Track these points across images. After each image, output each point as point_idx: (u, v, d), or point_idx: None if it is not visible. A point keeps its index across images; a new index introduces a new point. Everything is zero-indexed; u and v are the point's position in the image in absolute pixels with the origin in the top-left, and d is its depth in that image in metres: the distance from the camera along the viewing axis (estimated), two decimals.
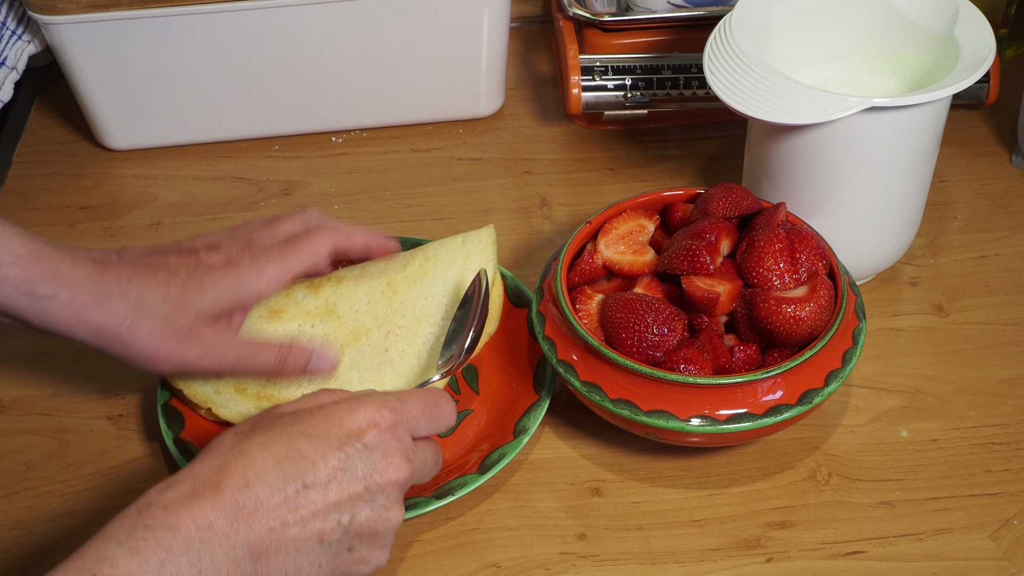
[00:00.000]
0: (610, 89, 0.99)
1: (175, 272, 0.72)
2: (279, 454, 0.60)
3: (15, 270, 0.68)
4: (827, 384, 0.73)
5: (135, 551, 0.55)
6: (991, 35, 0.82)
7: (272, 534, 0.59)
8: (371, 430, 0.62)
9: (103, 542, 0.56)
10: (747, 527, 0.74)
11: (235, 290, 0.73)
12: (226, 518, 0.57)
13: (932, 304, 0.88)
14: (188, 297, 0.71)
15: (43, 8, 0.91)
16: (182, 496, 0.58)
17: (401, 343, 0.79)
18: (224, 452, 0.61)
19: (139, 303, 0.70)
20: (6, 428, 0.82)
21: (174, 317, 0.70)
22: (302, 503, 0.59)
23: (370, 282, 0.81)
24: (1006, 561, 0.72)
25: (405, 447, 0.64)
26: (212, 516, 0.57)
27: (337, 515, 0.61)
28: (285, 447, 0.60)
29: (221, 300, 0.72)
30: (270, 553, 0.59)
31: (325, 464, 0.60)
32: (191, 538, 0.56)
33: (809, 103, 0.78)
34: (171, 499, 0.57)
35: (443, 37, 0.98)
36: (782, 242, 0.75)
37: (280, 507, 0.59)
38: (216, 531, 0.57)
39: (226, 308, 0.73)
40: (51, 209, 0.98)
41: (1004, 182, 0.99)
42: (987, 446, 0.79)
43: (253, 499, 0.58)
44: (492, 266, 0.82)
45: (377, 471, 0.62)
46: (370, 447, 0.62)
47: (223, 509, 0.57)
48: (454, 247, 0.82)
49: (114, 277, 0.70)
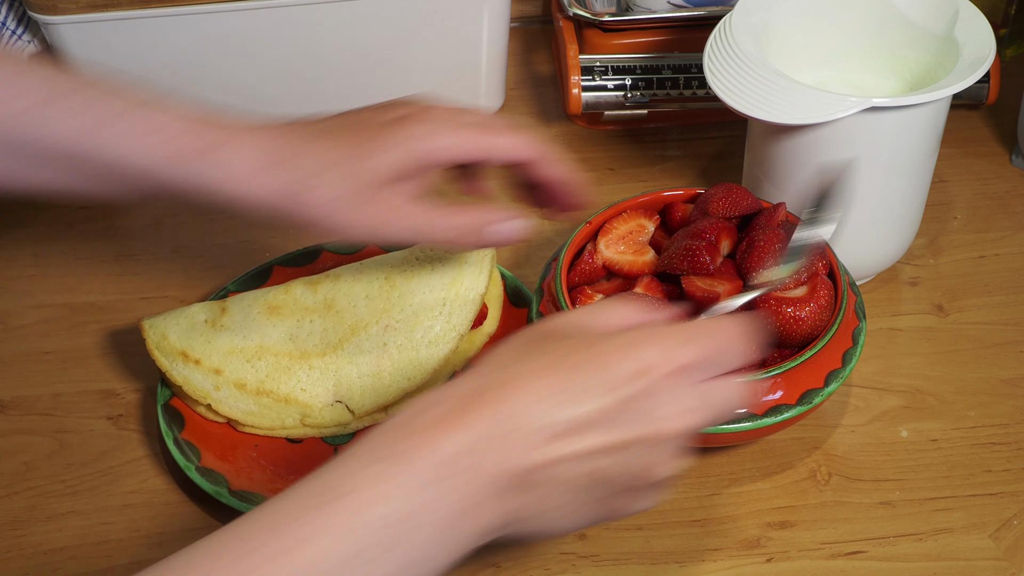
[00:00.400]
0: (610, 89, 0.99)
1: (348, 130, 0.67)
2: (553, 387, 0.53)
3: (187, 138, 0.65)
4: (827, 384, 0.73)
5: (390, 474, 0.50)
6: (991, 35, 0.82)
7: (529, 471, 0.53)
8: (658, 370, 0.54)
9: (355, 460, 0.51)
10: (747, 527, 0.74)
11: (410, 148, 0.67)
12: (485, 447, 0.52)
13: (932, 304, 0.89)
14: (364, 157, 0.66)
15: (43, 8, 0.91)
16: (442, 417, 0.52)
17: (399, 337, 0.79)
18: (494, 372, 0.54)
19: (315, 166, 0.66)
20: (6, 428, 0.82)
21: (352, 179, 0.66)
22: (572, 442, 0.53)
23: (368, 277, 0.81)
24: (1006, 561, 0.72)
25: (694, 392, 0.55)
26: (471, 443, 0.51)
27: (608, 459, 0.54)
28: (561, 380, 0.54)
29: (398, 159, 0.67)
30: (533, 487, 0.53)
31: (601, 403, 0.53)
32: (448, 465, 0.51)
33: (809, 103, 0.78)
34: (430, 420, 0.52)
35: (443, 37, 0.98)
36: (783, 242, 0.75)
37: (539, 445, 0.53)
38: (474, 459, 0.51)
39: (404, 168, 0.67)
40: (51, 209, 0.98)
41: (1004, 182, 0.99)
42: (987, 446, 0.79)
43: (513, 431, 0.52)
44: (490, 260, 0.82)
45: (658, 418, 0.54)
46: (654, 390, 0.54)
47: (483, 436, 0.52)
48: None
49: (286, 141, 0.67)
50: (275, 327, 0.80)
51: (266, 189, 0.66)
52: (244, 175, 0.66)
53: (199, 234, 0.96)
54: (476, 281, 0.81)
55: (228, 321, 0.80)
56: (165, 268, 0.93)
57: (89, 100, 0.66)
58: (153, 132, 0.66)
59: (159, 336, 0.80)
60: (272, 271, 0.88)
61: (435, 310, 0.80)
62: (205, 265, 0.93)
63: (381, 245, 0.70)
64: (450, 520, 0.51)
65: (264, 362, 0.79)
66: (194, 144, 0.66)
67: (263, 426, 0.79)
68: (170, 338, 0.79)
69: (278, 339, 0.79)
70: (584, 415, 0.53)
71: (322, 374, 0.78)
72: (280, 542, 0.48)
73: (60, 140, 0.65)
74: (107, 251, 0.95)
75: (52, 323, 0.89)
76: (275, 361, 0.79)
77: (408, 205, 0.68)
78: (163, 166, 0.66)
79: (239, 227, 0.96)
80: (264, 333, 0.79)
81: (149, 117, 0.66)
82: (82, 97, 0.66)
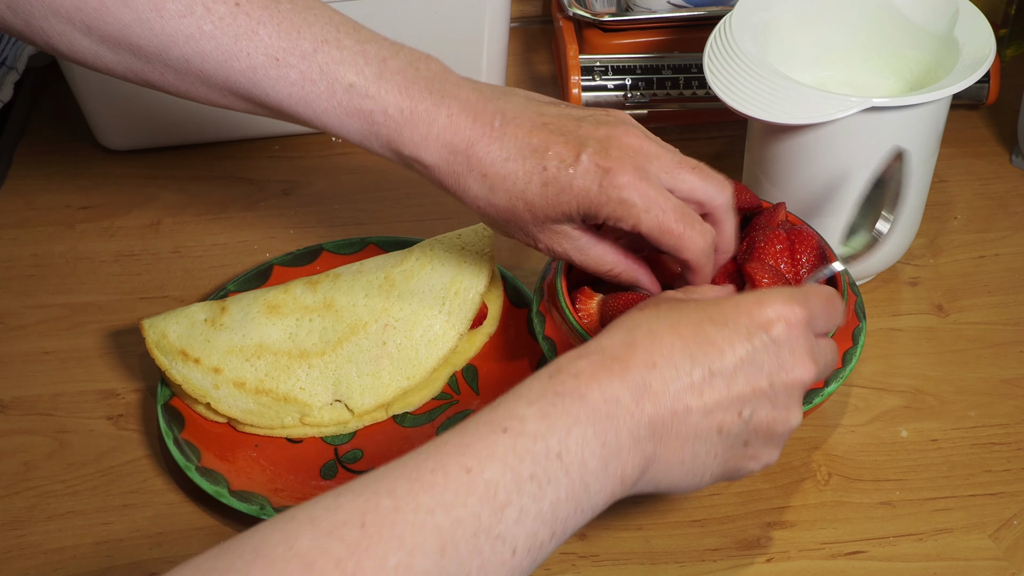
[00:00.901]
0: (610, 89, 0.99)
1: (544, 167, 0.67)
2: (687, 337, 0.58)
3: (385, 130, 0.68)
4: (827, 384, 0.73)
5: (544, 414, 0.54)
6: (991, 35, 0.82)
7: (675, 417, 0.57)
8: (779, 323, 0.59)
9: (515, 400, 0.55)
10: (747, 527, 0.74)
11: (593, 206, 0.67)
12: (632, 395, 0.56)
13: (932, 304, 0.89)
14: (542, 198, 0.67)
15: None
16: (592, 367, 0.56)
17: (399, 336, 0.79)
18: (633, 328, 0.59)
19: (494, 189, 0.68)
20: (6, 428, 0.82)
21: (523, 212, 0.68)
22: (707, 390, 0.58)
23: (367, 277, 0.81)
24: (1006, 561, 0.72)
25: (811, 345, 0.61)
26: (619, 391, 0.56)
27: (739, 407, 0.58)
28: (694, 331, 0.58)
29: (574, 210, 0.68)
30: (670, 436, 0.57)
31: (733, 353, 0.58)
32: (598, 410, 0.55)
33: (809, 103, 0.78)
34: (581, 368, 0.56)
35: (443, 37, 0.98)
36: (783, 242, 0.75)
37: (685, 391, 0.57)
38: (622, 406, 0.55)
39: (580, 217, 0.68)
40: (51, 209, 0.98)
41: (1004, 182, 0.99)
42: (987, 446, 0.79)
43: (660, 379, 0.57)
44: (490, 259, 0.82)
45: (784, 367, 0.59)
46: (778, 342, 0.59)
47: (630, 385, 0.56)
48: (450, 241, 0.82)
49: (483, 153, 0.68)
50: (274, 326, 0.80)
51: (445, 189, 0.69)
52: (428, 175, 0.69)
53: (199, 234, 0.96)
54: (476, 280, 0.81)
55: (228, 320, 0.80)
56: (165, 268, 0.93)
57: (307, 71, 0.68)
58: (358, 116, 0.68)
59: (159, 335, 0.80)
60: (272, 271, 0.88)
61: (434, 309, 0.80)
62: (205, 265, 0.93)
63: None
64: (602, 461, 0.55)
65: (263, 361, 0.79)
66: (391, 137, 0.68)
67: (262, 425, 0.79)
68: (169, 337, 0.79)
69: (277, 338, 0.79)
70: (727, 364, 0.58)
71: (321, 373, 0.78)
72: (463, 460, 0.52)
73: (275, 103, 0.69)
74: (107, 251, 0.95)
75: (52, 323, 0.89)
76: (274, 360, 0.79)
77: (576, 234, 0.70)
78: (363, 144, 0.69)
79: (239, 227, 0.96)
80: (263, 332, 0.79)
81: (356, 102, 0.68)
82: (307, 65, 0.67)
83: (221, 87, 0.68)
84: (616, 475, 0.56)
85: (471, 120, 0.68)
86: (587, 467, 0.54)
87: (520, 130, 0.68)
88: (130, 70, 0.69)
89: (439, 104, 0.68)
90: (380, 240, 0.90)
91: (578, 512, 0.55)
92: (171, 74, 0.68)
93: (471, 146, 0.67)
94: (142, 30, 0.66)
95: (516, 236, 0.71)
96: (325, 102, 0.68)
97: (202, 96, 0.70)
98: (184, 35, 0.66)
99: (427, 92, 0.68)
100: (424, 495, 0.50)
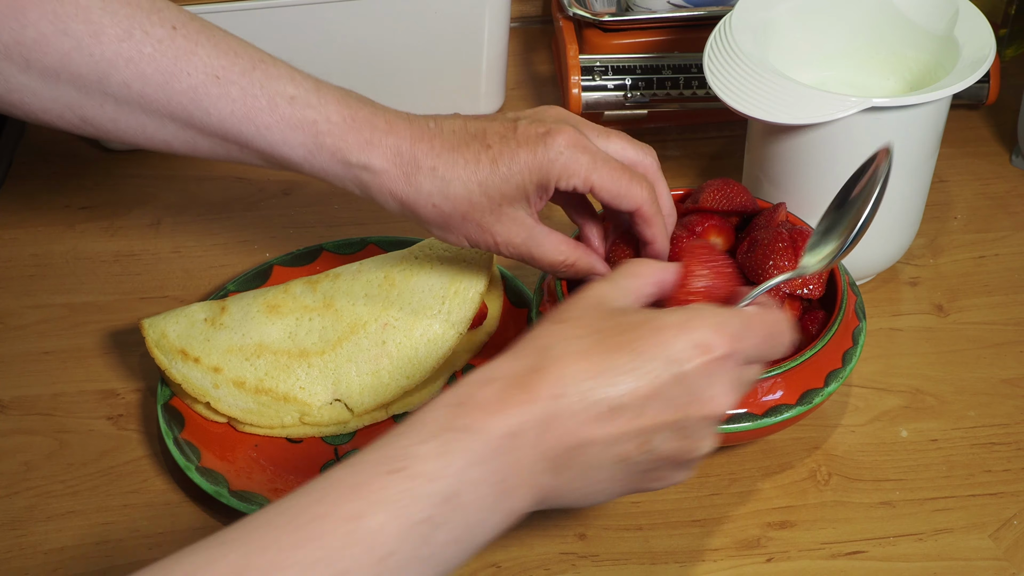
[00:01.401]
0: (610, 89, 0.99)
1: (488, 145, 0.68)
2: (598, 366, 0.55)
3: (330, 139, 0.68)
4: (827, 384, 0.73)
5: (442, 452, 0.52)
6: (991, 35, 0.82)
7: (576, 450, 0.55)
8: (701, 356, 0.56)
9: (413, 434, 0.53)
10: (747, 527, 0.74)
11: (544, 172, 0.68)
12: (535, 428, 0.54)
13: (932, 304, 0.89)
14: (498, 173, 0.67)
15: None
16: (496, 396, 0.54)
17: (398, 335, 0.79)
18: (544, 350, 0.56)
19: (447, 180, 0.68)
20: (6, 428, 0.82)
21: (479, 197, 0.68)
22: (612, 422, 0.55)
23: (367, 276, 0.81)
24: (1006, 561, 0.72)
25: (733, 377, 0.57)
26: (523, 423, 0.53)
27: (645, 438, 0.56)
28: (606, 359, 0.55)
29: (530, 181, 0.68)
30: (569, 467, 0.55)
31: (644, 385, 0.55)
32: (499, 446, 0.53)
33: (809, 103, 0.78)
34: (485, 398, 0.54)
35: (443, 37, 0.98)
36: (785, 241, 0.75)
37: (590, 423, 0.54)
38: (524, 440, 0.53)
39: (534, 189, 0.68)
40: (51, 209, 0.98)
41: (1004, 182, 0.99)
42: (987, 446, 0.79)
43: (565, 411, 0.54)
44: (490, 259, 0.82)
45: (697, 400, 0.56)
46: (696, 374, 0.56)
47: (534, 417, 0.54)
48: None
49: (427, 148, 0.68)
50: (274, 325, 0.80)
51: (396, 200, 0.69)
52: (379, 183, 0.69)
53: (199, 234, 0.96)
54: (475, 280, 0.81)
55: (227, 319, 0.80)
56: (165, 268, 0.93)
57: (248, 87, 0.68)
58: (301, 127, 0.68)
59: (158, 334, 0.80)
60: (272, 271, 0.88)
61: (434, 309, 0.80)
62: (205, 265, 0.93)
63: (500, 253, 0.72)
64: (496, 499, 0.53)
65: (263, 360, 0.79)
66: (337, 145, 0.68)
67: (262, 424, 0.79)
68: (169, 336, 0.79)
69: (277, 337, 0.79)
70: (637, 396, 0.55)
71: (321, 372, 0.78)
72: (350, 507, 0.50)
73: (218, 122, 0.68)
74: (107, 251, 0.95)
75: (52, 323, 0.89)
76: (274, 359, 0.79)
77: (530, 221, 0.70)
78: (307, 162, 0.69)
79: (239, 227, 0.96)
80: (263, 331, 0.79)
81: (299, 112, 0.68)
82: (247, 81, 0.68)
83: (163, 112, 0.68)
84: (507, 510, 0.54)
85: (407, 123, 0.69)
86: (481, 506, 0.53)
87: (455, 124, 0.69)
88: (69, 107, 0.68)
89: (375, 112, 0.69)
90: (380, 240, 0.90)
91: (463, 552, 0.53)
92: (111, 105, 0.67)
93: (415, 144, 0.68)
94: (82, 57, 0.66)
95: (471, 234, 0.70)
96: (267, 116, 0.68)
97: (141, 129, 0.69)
98: (124, 58, 0.66)
99: (362, 103, 0.69)
100: (304, 549, 0.49)
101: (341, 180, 0.69)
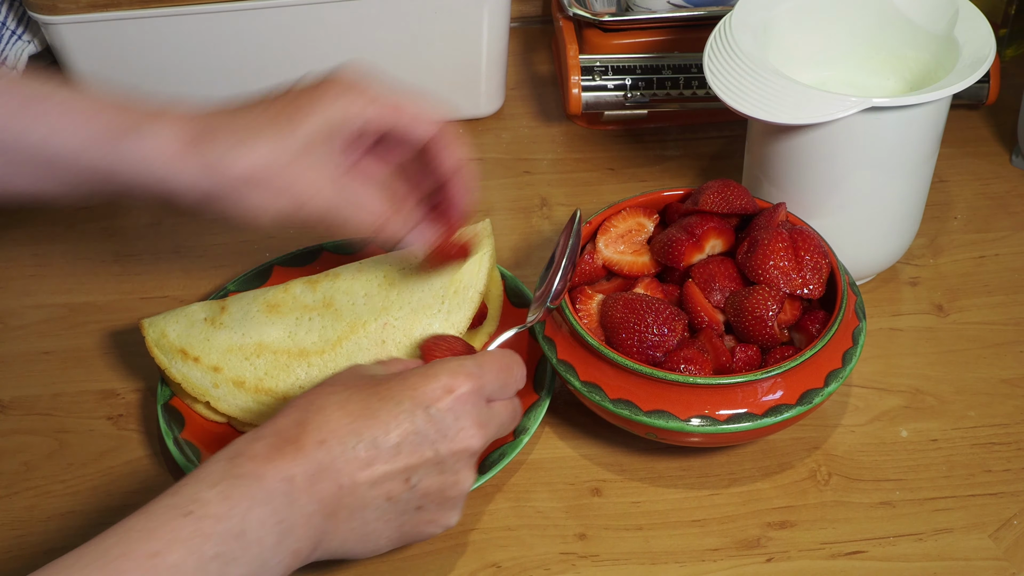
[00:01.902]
0: (610, 89, 0.99)
1: (267, 103, 0.70)
2: (355, 414, 0.61)
3: (106, 116, 0.68)
4: (827, 384, 0.73)
5: (225, 496, 0.57)
6: (991, 35, 0.82)
7: (344, 491, 0.60)
8: (446, 397, 0.63)
9: (196, 484, 0.58)
10: (747, 527, 0.74)
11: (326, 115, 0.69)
12: (304, 474, 0.59)
13: (932, 304, 0.89)
14: (283, 123, 0.69)
15: (43, 8, 0.91)
16: (267, 449, 0.59)
17: (398, 335, 0.79)
18: (306, 406, 0.62)
19: (238, 135, 0.68)
20: (6, 428, 0.82)
21: (275, 144, 0.68)
22: (373, 463, 0.61)
23: (367, 276, 0.81)
24: (1006, 561, 0.72)
25: (479, 413, 0.64)
26: (293, 471, 0.59)
27: (406, 476, 0.62)
28: (361, 407, 0.62)
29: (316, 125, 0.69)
30: (341, 509, 0.61)
31: (397, 426, 0.62)
32: (275, 490, 0.58)
33: (809, 103, 0.78)
34: (258, 451, 0.59)
35: (443, 37, 0.98)
36: (785, 241, 0.75)
37: (352, 465, 0.60)
38: (296, 485, 0.59)
39: (322, 134, 0.69)
40: (51, 209, 0.98)
41: (1004, 182, 0.99)
42: (987, 446, 0.79)
43: (329, 456, 0.60)
44: (489, 258, 0.82)
45: (448, 437, 0.63)
46: (444, 413, 0.63)
47: (302, 465, 0.59)
48: None
49: (207, 118, 0.69)
50: (274, 325, 0.80)
51: (191, 165, 0.68)
52: (167, 153, 0.68)
53: (199, 234, 0.96)
54: (475, 280, 0.81)
55: (227, 319, 0.80)
56: (165, 268, 0.93)
57: (7, 86, 0.68)
58: (71, 112, 0.68)
59: (158, 334, 0.80)
60: (272, 271, 0.88)
61: (434, 308, 0.80)
62: (205, 265, 0.93)
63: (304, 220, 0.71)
64: (278, 538, 0.58)
65: (263, 360, 0.79)
66: (114, 123, 0.68)
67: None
68: (169, 336, 0.79)
69: (277, 337, 0.79)
70: (392, 437, 0.61)
71: (321, 372, 0.78)
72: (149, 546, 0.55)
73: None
74: (107, 251, 0.95)
75: (52, 323, 0.89)
76: (274, 359, 0.79)
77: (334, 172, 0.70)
78: (85, 148, 0.68)
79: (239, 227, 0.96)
80: (263, 331, 0.79)
81: (67, 100, 0.68)
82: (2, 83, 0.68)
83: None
84: (291, 550, 0.59)
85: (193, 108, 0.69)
86: (265, 544, 0.57)
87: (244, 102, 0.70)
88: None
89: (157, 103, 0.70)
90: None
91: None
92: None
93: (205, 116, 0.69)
94: None
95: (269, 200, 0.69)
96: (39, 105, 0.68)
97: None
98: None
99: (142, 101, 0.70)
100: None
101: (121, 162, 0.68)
